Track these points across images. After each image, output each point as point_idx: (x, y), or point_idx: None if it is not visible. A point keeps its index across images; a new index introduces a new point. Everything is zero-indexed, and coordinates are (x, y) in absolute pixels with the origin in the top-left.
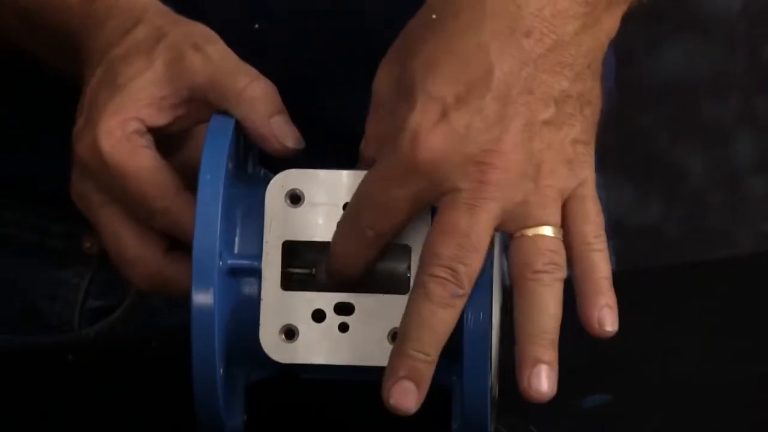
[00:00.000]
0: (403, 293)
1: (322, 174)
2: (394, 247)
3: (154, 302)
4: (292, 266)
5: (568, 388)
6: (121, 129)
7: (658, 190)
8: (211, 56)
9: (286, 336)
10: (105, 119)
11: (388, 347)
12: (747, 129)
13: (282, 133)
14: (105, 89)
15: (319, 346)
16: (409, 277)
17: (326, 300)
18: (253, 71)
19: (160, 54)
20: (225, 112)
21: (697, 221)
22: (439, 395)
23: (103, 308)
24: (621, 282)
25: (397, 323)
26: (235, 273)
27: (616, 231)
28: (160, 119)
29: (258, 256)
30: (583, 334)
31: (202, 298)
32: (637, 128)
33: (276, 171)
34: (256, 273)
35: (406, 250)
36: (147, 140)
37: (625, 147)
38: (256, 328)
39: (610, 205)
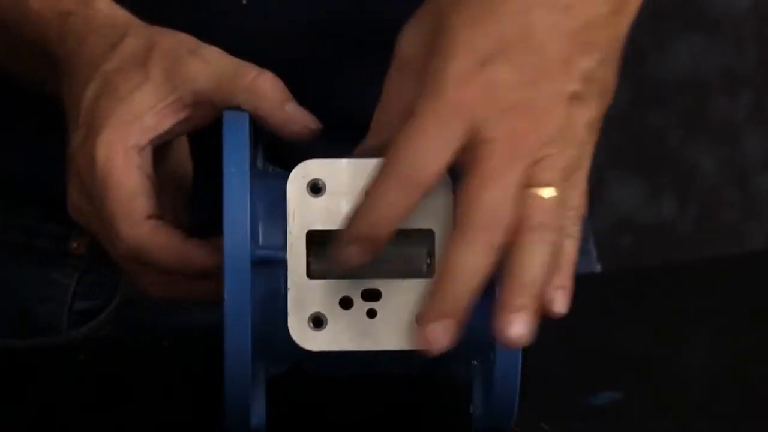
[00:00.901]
0: (428, 277)
1: (342, 163)
2: (416, 231)
3: (144, 302)
4: (317, 255)
5: (578, 385)
6: (122, 141)
7: (670, 188)
8: (209, 59)
9: (314, 324)
10: (107, 130)
11: (419, 330)
12: (757, 126)
13: (299, 116)
14: (105, 102)
15: (348, 333)
16: (433, 260)
17: (353, 287)
18: (255, 66)
19: (155, 64)
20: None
21: (708, 218)
22: (450, 387)
23: (91, 309)
24: (632, 279)
25: None
26: (260, 264)
27: (627, 228)
28: (162, 126)
29: (282, 246)
30: (592, 332)
31: (237, 291)
32: (648, 126)
33: (284, 167)
34: (281, 264)
35: (429, 235)
36: (142, 158)
37: (636, 145)
38: (279, 320)
39: (622, 203)
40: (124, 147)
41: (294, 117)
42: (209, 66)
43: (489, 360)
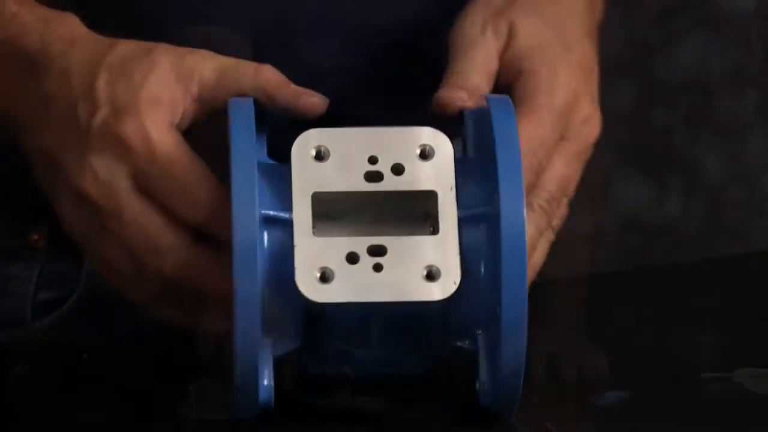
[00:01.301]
0: (432, 234)
1: (344, 132)
2: (419, 193)
3: (107, 292)
4: (321, 216)
5: (584, 385)
6: (163, 121)
7: (676, 187)
8: (210, 55)
9: (320, 278)
10: (145, 110)
11: (425, 283)
12: (763, 126)
13: (305, 90)
14: (123, 85)
15: (355, 286)
16: (436, 220)
17: (359, 243)
18: (251, 62)
19: (161, 54)
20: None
21: (714, 218)
22: (450, 387)
23: (54, 300)
24: (638, 279)
25: (430, 261)
26: (267, 223)
27: (633, 227)
28: (176, 115)
29: (288, 208)
30: (596, 331)
31: (245, 248)
32: (654, 125)
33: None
34: (287, 224)
35: (433, 195)
36: (180, 134)
37: (643, 144)
38: (286, 283)
39: (627, 202)
40: (167, 126)
41: (301, 91)
42: (210, 58)
43: (494, 328)
